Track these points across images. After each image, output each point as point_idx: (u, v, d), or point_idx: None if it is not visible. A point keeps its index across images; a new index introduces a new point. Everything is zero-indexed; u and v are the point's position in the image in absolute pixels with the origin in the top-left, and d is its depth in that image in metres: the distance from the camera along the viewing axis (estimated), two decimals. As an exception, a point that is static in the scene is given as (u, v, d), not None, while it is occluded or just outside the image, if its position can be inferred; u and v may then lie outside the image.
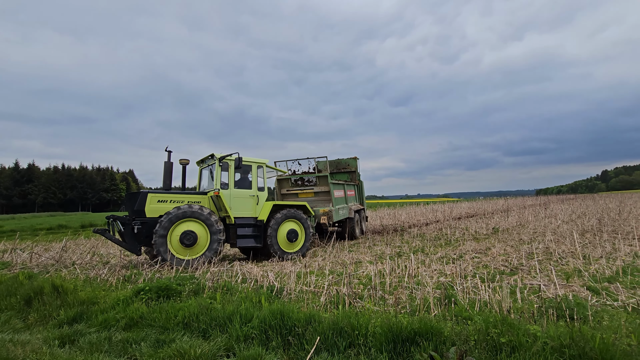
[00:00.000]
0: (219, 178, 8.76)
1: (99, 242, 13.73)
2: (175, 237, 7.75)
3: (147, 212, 7.95)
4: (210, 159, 9.18)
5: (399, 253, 9.42)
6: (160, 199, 8.14)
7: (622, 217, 16.00)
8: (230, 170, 8.96)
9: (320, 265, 7.56)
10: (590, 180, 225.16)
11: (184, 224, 7.89)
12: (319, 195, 12.07)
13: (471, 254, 8.73)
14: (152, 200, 8.03)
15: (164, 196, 8.23)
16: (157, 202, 8.07)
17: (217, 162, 8.77)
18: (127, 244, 7.82)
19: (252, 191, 9.28)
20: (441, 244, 11.06)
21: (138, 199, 7.95)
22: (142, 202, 7.93)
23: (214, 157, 8.93)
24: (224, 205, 8.66)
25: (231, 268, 7.08)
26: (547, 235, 11.39)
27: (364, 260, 8.40)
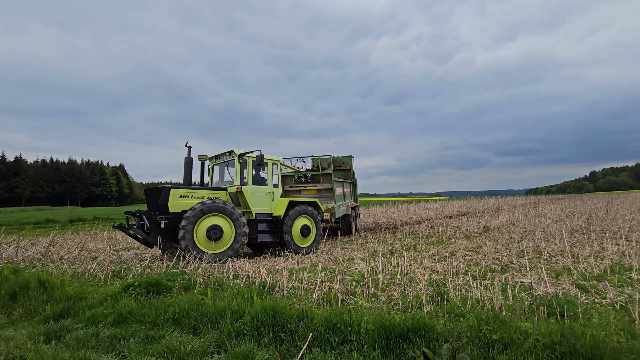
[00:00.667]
0: (239, 175, 8.89)
1: (87, 237, 13.51)
2: (202, 232, 7.79)
3: (170, 207, 7.92)
4: (227, 155, 9.24)
5: (391, 250, 9.45)
6: (182, 194, 8.16)
7: (609, 217, 16.30)
8: (248, 167, 9.03)
9: (313, 262, 7.53)
10: (578, 180, 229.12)
11: (208, 219, 7.93)
12: (321, 192, 12.29)
13: (462, 252, 8.80)
14: (174, 195, 8.03)
15: (185, 191, 8.25)
16: (180, 197, 8.08)
17: (236, 158, 8.85)
18: (151, 239, 7.76)
19: (268, 188, 9.44)
20: (433, 241, 11.12)
21: (161, 194, 7.91)
22: (166, 197, 7.91)
23: (232, 153, 9.02)
24: (245, 202, 8.78)
25: (223, 264, 7.02)
26: (536, 234, 11.56)
27: (356, 258, 8.40)
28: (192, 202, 8.19)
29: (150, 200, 8.34)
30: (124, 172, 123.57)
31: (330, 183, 12.32)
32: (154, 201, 8.10)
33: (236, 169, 8.95)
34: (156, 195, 8.05)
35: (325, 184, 12.41)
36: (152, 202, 8.20)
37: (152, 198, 8.25)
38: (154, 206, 8.03)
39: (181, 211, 8.00)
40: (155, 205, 7.96)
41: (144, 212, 8.01)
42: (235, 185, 8.78)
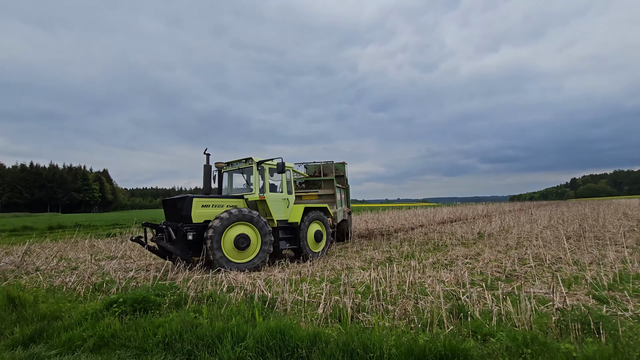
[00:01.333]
0: (258, 182, 8.79)
1: (67, 245, 12.74)
2: (229, 241, 7.57)
3: (193, 217, 7.62)
4: (242, 162, 9.08)
5: (389, 258, 9.13)
6: (204, 203, 7.90)
7: (599, 223, 16.41)
8: (266, 174, 8.90)
9: (311, 272, 7.13)
10: (560, 187, 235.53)
11: (234, 228, 7.72)
12: (322, 198, 12.25)
13: (462, 260, 8.54)
14: (197, 205, 7.75)
15: (207, 200, 8.00)
16: (201, 206, 7.82)
17: (255, 165, 8.71)
18: (180, 252, 7.31)
19: (283, 195, 9.39)
20: (430, 249, 10.86)
21: (184, 204, 7.61)
22: (189, 207, 7.60)
23: (249, 160, 8.86)
24: (267, 210, 8.70)
25: (215, 275, 6.55)
26: (532, 240, 11.46)
27: (354, 267, 8.04)
28: (214, 212, 7.94)
29: (171, 211, 7.99)
30: (107, 178, 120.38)
31: (332, 189, 12.27)
32: (174, 211, 7.78)
33: (255, 177, 8.81)
34: (178, 205, 7.71)
35: (327, 189, 12.38)
36: (173, 213, 7.87)
37: (172, 208, 7.91)
38: (176, 216, 7.71)
39: (203, 221, 7.72)
40: (177, 215, 7.64)
41: (169, 223, 7.57)
42: (258, 194, 8.67)
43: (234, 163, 9.26)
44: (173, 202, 7.94)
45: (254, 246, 7.97)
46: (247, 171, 9.28)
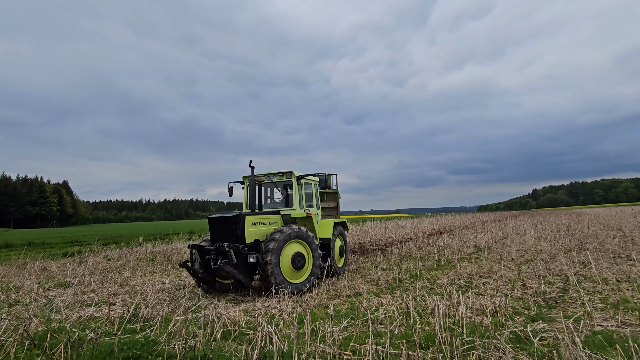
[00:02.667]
0: (297, 197, 8.38)
1: (12, 269, 10.77)
2: (285, 261, 6.99)
3: (247, 237, 7.06)
4: (279, 175, 8.62)
5: (397, 279, 8.11)
6: (253, 221, 7.36)
7: (587, 233, 16.34)
8: (302, 189, 8.60)
9: (317, 301, 5.95)
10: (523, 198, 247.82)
11: (288, 247, 7.18)
12: (325, 211, 11.72)
13: (477, 279, 7.70)
14: (248, 223, 7.19)
15: (255, 218, 7.45)
16: (252, 224, 7.28)
17: (295, 180, 8.39)
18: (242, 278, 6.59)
19: (314, 210, 9.10)
20: (434, 265, 9.98)
21: (238, 223, 7.00)
22: (242, 226, 7.03)
23: (288, 174, 8.48)
24: (312, 227, 8.49)
25: (198, 312, 5.23)
26: (534, 253, 10.91)
27: (363, 291, 6.94)
28: (262, 229, 7.47)
29: (221, 229, 7.22)
30: (67, 190, 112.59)
31: (335, 201, 11.70)
32: (227, 230, 7.10)
33: (295, 191, 8.40)
34: (230, 224, 7.06)
35: (330, 202, 11.75)
36: (224, 232, 7.15)
37: (223, 227, 7.19)
38: (229, 236, 7.05)
39: (254, 240, 7.20)
40: (230, 235, 7.02)
41: (231, 245, 6.72)
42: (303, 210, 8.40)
43: (269, 176, 8.69)
44: (226, 220, 7.15)
45: (307, 265, 7.51)
46: (281, 185, 8.82)
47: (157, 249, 17.05)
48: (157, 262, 12.69)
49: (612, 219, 26.20)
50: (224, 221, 7.16)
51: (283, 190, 8.89)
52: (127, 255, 14.96)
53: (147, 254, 15.02)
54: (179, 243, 19.40)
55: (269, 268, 6.51)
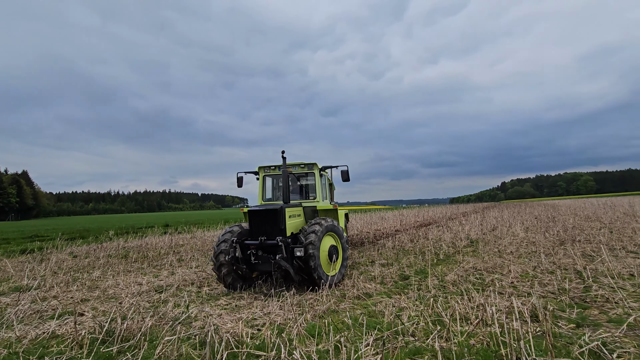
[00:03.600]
0: (320, 189, 8.33)
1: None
2: (323, 255, 6.76)
3: (287, 229, 6.75)
4: (301, 167, 8.40)
5: (403, 276, 7.50)
6: (290, 213, 7.06)
7: (570, 225, 16.54)
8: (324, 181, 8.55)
9: (325, 307, 5.20)
10: (492, 190, 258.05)
11: (323, 240, 6.93)
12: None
13: (488, 275, 7.24)
14: (287, 215, 6.89)
15: (291, 210, 7.13)
16: (289, 217, 6.98)
17: (317, 172, 8.32)
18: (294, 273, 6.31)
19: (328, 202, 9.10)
20: (433, 259, 9.49)
21: (280, 216, 6.67)
22: (284, 219, 6.72)
23: (312, 166, 8.34)
24: (337, 219, 8.36)
25: (189, 320, 4.35)
26: (528, 246, 10.70)
27: (373, 292, 6.26)
28: (296, 222, 7.25)
29: (263, 223, 6.78)
30: (27, 180, 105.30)
31: (331, 192, 11.38)
32: (269, 223, 6.70)
33: (318, 184, 8.32)
34: (273, 217, 6.66)
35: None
36: (266, 225, 6.74)
37: (266, 220, 6.75)
38: (271, 230, 6.66)
39: (291, 234, 6.87)
40: (273, 229, 6.65)
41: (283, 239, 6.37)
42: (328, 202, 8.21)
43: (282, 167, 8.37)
44: (271, 212, 6.71)
45: (339, 257, 7.36)
46: (307, 177, 8.63)
47: (130, 244, 15.70)
48: (130, 259, 11.51)
49: (586, 210, 27.10)
50: (267, 214, 6.69)
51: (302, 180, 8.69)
52: (96, 251, 13.59)
53: (119, 250, 13.71)
54: (154, 237, 18.05)
55: (313, 261, 6.26)
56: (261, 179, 8.40)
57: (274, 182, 8.83)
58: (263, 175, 8.45)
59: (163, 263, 10.63)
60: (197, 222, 30.69)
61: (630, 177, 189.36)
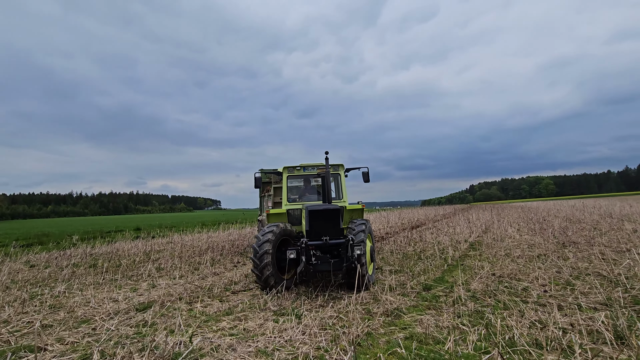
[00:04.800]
0: (345, 190, 8.52)
1: None
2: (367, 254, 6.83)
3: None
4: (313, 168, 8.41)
5: (424, 285, 6.72)
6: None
7: (558, 226, 16.60)
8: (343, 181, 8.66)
9: (360, 330, 4.29)
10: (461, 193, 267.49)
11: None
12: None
13: (513, 282, 6.63)
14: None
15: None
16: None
17: (342, 172, 8.55)
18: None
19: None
20: (442, 265, 8.83)
21: (341, 216, 6.86)
22: (342, 219, 6.97)
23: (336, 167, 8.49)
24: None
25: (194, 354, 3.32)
26: (532, 249, 10.34)
27: (400, 306, 5.43)
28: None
29: (324, 223, 6.66)
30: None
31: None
32: (329, 223, 6.64)
33: (344, 184, 8.48)
34: (334, 217, 6.66)
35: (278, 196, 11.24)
36: (326, 225, 6.65)
37: (326, 220, 6.66)
38: (331, 230, 6.58)
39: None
40: (333, 229, 6.61)
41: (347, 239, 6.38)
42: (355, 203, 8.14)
43: (308, 168, 8.32)
44: (331, 213, 6.67)
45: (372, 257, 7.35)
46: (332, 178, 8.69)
47: (98, 250, 14.02)
48: (100, 268, 10.05)
49: (561, 212, 27.85)
50: (328, 214, 6.64)
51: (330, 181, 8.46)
52: (58, 259, 11.92)
53: (85, 258, 12.10)
54: (125, 242, 16.36)
55: (364, 260, 6.24)
56: (285, 180, 8.26)
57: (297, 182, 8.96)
58: (287, 176, 8.37)
59: (140, 273, 9.30)
60: (172, 226, 28.75)
61: (585, 181, 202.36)
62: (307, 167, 8.20)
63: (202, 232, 21.16)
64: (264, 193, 14.35)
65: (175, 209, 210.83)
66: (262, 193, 15.11)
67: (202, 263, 10.38)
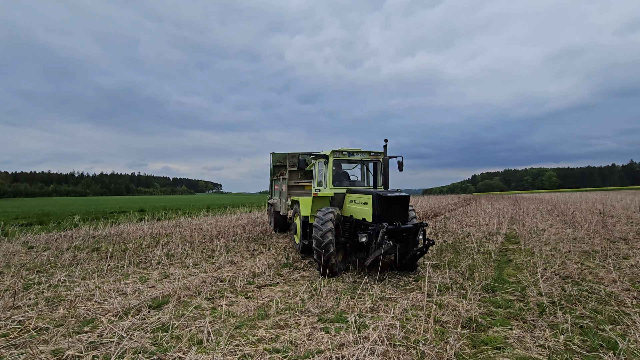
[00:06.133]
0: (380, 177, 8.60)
1: None
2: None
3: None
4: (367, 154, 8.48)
5: (485, 287, 5.75)
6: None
7: (584, 218, 15.58)
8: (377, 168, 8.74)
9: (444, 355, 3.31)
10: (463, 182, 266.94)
11: None
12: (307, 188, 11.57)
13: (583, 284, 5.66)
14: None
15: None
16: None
17: (381, 160, 8.56)
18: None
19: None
20: (486, 260, 7.86)
21: (407, 203, 6.93)
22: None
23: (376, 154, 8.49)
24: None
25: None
26: (576, 243, 9.37)
27: (474, 315, 4.45)
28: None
29: (395, 209, 6.82)
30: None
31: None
32: (399, 209, 6.83)
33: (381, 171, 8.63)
34: (403, 203, 6.88)
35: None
36: (396, 211, 6.81)
37: (397, 206, 6.84)
38: (398, 216, 6.75)
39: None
40: (402, 215, 6.82)
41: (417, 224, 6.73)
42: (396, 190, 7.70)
43: (354, 153, 8.34)
44: (402, 200, 6.88)
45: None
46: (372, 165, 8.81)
47: (101, 232, 13.10)
48: (104, 253, 9.12)
49: (576, 204, 26.77)
50: (400, 200, 6.83)
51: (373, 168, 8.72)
52: (59, 241, 11.00)
53: (88, 241, 11.18)
54: (129, 224, 15.45)
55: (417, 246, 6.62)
56: (330, 164, 8.12)
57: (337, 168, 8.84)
58: (333, 160, 8.22)
59: (149, 259, 8.37)
60: (177, 208, 27.87)
61: (589, 174, 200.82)
62: (352, 153, 8.24)
63: (209, 216, 20.26)
64: (277, 176, 13.54)
65: (177, 192, 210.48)
66: (272, 177, 14.23)
67: (216, 250, 9.44)
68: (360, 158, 8.45)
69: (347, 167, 9.31)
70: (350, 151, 8.22)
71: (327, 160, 8.08)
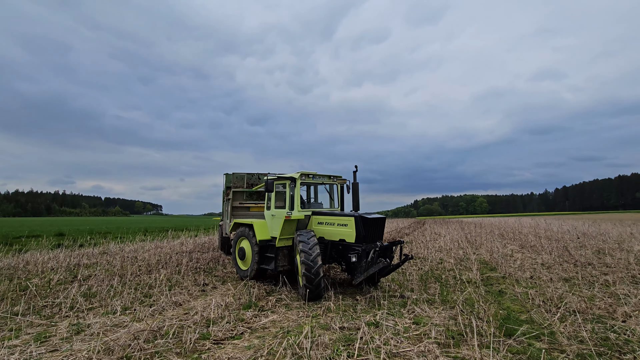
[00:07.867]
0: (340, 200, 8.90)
1: None
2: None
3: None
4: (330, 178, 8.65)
5: (505, 330, 4.78)
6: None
7: (543, 245, 16.06)
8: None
9: None
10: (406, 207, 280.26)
11: None
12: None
13: (620, 327, 4.99)
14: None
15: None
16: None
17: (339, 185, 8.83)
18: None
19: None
20: (478, 291, 7.07)
21: (383, 225, 7.46)
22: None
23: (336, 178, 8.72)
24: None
25: None
26: (551, 270, 9.13)
27: None
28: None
29: (375, 230, 7.19)
30: None
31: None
32: (378, 230, 7.28)
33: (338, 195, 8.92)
34: (382, 224, 7.42)
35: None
36: (375, 232, 7.20)
37: (377, 227, 7.28)
38: (376, 236, 7.18)
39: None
40: (378, 236, 7.27)
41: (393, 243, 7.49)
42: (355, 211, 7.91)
43: (318, 177, 8.43)
44: (380, 221, 7.35)
45: None
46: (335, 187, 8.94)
47: (-2, 263, 10.15)
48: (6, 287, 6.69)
49: (522, 229, 28.34)
50: (380, 221, 7.31)
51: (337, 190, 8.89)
52: None
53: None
54: (40, 253, 12.40)
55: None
56: (298, 186, 8.02)
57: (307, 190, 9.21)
58: (300, 182, 8.19)
59: (58, 302, 6.23)
60: (107, 232, 24.10)
61: (513, 200, 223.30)
62: (316, 176, 8.30)
63: (146, 241, 17.49)
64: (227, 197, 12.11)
65: (109, 213, 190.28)
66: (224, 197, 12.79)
67: (155, 286, 7.49)
68: (322, 181, 8.63)
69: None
70: (315, 175, 8.34)
71: (295, 182, 7.88)
